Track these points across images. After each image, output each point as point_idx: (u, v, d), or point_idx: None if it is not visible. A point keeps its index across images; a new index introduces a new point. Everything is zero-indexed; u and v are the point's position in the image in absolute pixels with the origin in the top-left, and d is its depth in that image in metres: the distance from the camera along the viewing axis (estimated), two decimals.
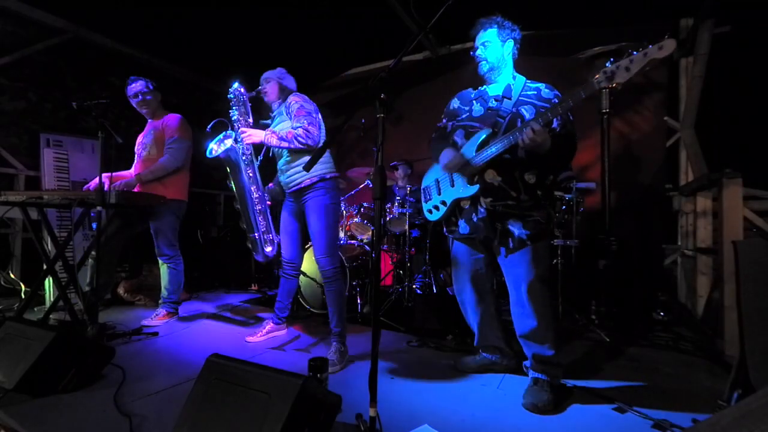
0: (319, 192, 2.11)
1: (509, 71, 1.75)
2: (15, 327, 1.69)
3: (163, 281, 2.79)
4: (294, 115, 2.13)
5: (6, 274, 3.13)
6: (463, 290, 1.89)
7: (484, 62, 1.74)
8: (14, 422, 1.36)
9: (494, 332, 1.88)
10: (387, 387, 1.71)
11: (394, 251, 3.45)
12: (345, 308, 2.13)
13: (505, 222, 1.65)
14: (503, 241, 1.66)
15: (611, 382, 1.78)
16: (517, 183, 1.64)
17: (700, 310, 2.76)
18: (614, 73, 1.34)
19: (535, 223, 1.63)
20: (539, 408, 1.51)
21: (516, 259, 1.65)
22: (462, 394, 1.67)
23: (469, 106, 1.80)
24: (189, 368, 1.87)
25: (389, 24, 3.38)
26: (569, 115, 1.63)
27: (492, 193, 1.65)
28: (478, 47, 1.75)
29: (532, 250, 1.63)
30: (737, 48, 3.02)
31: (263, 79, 2.30)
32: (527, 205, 1.64)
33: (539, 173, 1.66)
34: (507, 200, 1.64)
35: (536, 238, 1.63)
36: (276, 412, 1.05)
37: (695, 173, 3.11)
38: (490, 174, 1.65)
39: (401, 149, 4.09)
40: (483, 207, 1.67)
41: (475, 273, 1.84)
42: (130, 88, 2.70)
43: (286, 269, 2.32)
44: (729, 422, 0.71)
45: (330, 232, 2.11)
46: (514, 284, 1.67)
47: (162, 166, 2.62)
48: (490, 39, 1.72)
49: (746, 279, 1.23)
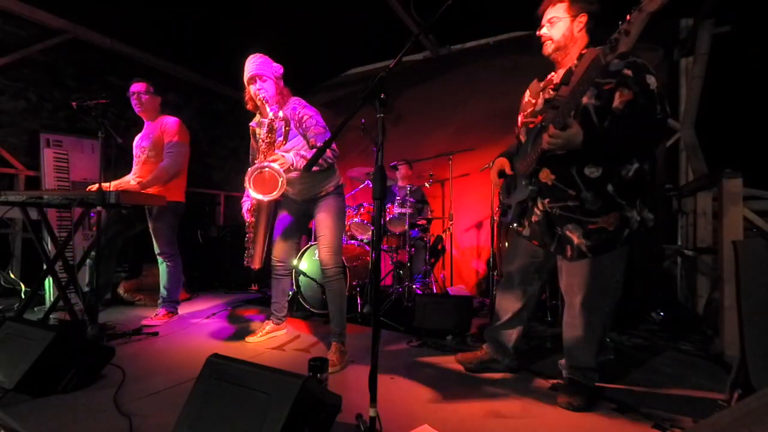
0: (335, 196, 2.13)
1: (575, 53, 1.53)
2: (15, 327, 1.68)
3: (162, 280, 2.79)
4: (313, 133, 1.96)
5: (6, 274, 3.13)
6: (510, 284, 1.82)
7: (549, 42, 1.55)
8: (14, 422, 1.36)
9: (512, 335, 1.85)
10: (387, 387, 1.71)
11: (393, 251, 3.45)
12: (345, 308, 2.13)
13: (563, 226, 1.52)
14: (560, 249, 1.55)
15: (611, 382, 1.78)
16: (574, 179, 1.47)
17: (700, 310, 2.76)
18: (617, 40, 1.17)
19: (598, 232, 1.45)
20: (574, 407, 1.50)
21: (574, 268, 1.53)
22: (462, 394, 1.67)
23: (537, 99, 1.67)
24: (189, 368, 1.87)
25: (389, 24, 3.38)
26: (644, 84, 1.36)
27: (548, 193, 1.54)
28: (544, 25, 1.56)
29: (595, 261, 1.48)
30: (737, 48, 3.02)
31: (256, 76, 1.98)
32: (592, 209, 1.45)
33: (607, 165, 1.43)
34: (566, 201, 1.49)
35: (599, 249, 1.46)
36: (276, 412, 1.05)
37: (695, 173, 3.11)
38: (545, 173, 1.54)
39: (401, 149, 4.10)
40: (542, 209, 1.57)
41: (526, 272, 1.77)
42: (132, 86, 2.71)
43: (278, 269, 2.30)
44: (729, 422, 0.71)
45: (340, 232, 2.11)
46: (570, 292, 1.58)
47: (164, 171, 2.62)
48: (559, 14, 1.51)
49: (746, 279, 1.23)
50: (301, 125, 2.00)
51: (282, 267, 2.31)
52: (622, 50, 1.16)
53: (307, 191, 2.14)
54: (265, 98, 1.99)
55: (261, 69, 1.99)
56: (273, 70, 2.02)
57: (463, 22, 3.44)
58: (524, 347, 2.22)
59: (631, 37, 1.14)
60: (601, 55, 1.22)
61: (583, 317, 1.55)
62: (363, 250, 3.31)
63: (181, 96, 4.50)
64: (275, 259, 2.29)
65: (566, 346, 1.64)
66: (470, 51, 4.04)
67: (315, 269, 2.95)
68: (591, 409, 1.53)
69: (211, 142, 4.99)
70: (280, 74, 2.04)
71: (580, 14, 1.50)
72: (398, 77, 4.16)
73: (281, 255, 2.28)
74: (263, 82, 2.00)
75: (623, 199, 1.43)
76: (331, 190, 2.13)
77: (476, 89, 3.99)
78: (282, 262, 2.30)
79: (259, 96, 1.99)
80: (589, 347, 1.58)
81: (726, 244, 2.12)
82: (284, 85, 2.08)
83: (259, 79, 1.99)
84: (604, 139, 1.38)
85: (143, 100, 2.71)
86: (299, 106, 2.04)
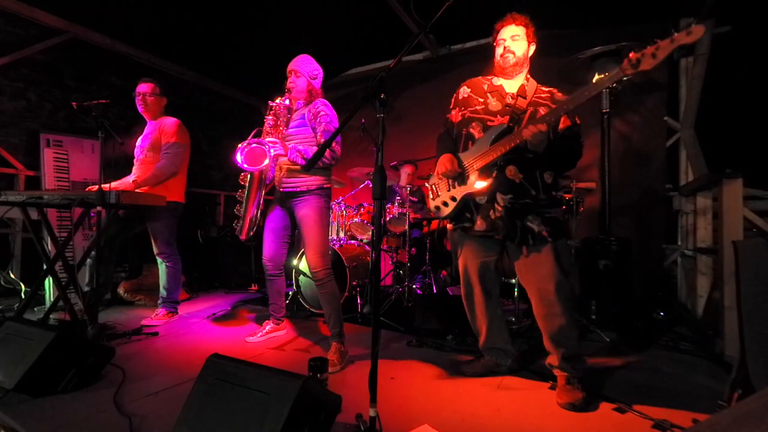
0: (314, 197, 2.12)
1: (524, 73, 1.76)
2: (15, 327, 1.69)
3: (162, 280, 2.79)
4: (323, 130, 2.09)
5: (6, 274, 3.13)
6: (473, 291, 1.86)
7: (511, 55, 1.71)
8: (14, 422, 1.36)
9: (502, 334, 1.87)
10: (387, 387, 1.71)
11: (393, 251, 3.44)
12: (340, 308, 2.11)
13: (524, 218, 1.65)
14: (524, 238, 1.65)
15: (611, 382, 1.78)
16: (537, 181, 1.66)
17: (700, 310, 2.76)
18: (639, 60, 1.31)
19: (553, 220, 1.65)
20: (576, 407, 1.51)
21: (539, 258, 1.64)
22: (462, 394, 1.67)
23: (485, 99, 1.78)
24: (189, 368, 1.87)
25: (389, 24, 3.38)
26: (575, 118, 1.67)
27: (512, 190, 1.66)
28: (507, 39, 1.72)
29: (555, 247, 1.63)
30: (737, 48, 3.02)
31: (293, 70, 2.18)
32: (544, 204, 1.66)
33: (556, 173, 1.70)
34: (526, 198, 1.65)
35: (556, 234, 1.64)
36: (276, 412, 1.05)
37: (695, 173, 3.11)
38: (512, 170, 1.66)
39: (401, 149, 4.10)
40: (503, 204, 1.66)
41: (485, 273, 1.82)
42: (139, 86, 2.73)
43: (268, 268, 2.29)
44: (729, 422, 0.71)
45: (325, 233, 2.11)
46: (540, 284, 1.65)
47: (160, 171, 2.63)
48: (521, 34, 1.71)
49: (746, 279, 1.23)
50: (316, 118, 2.12)
51: (272, 266, 2.28)
52: (644, 68, 1.31)
53: (291, 183, 2.14)
54: (292, 89, 2.18)
55: (298, 65, 2.19)
56: (309, 70, 2.21)
57: (463, 22, 3.45)
58: (524, 347, 2.23)
59: (656, 60, 1.29)
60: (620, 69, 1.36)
61: (560, 303, 1.61)
62: (363, 250, 3.31)
63: (181, 96, 4.50)
64: (264, 258, 2.27)
65: (552, 339, 1.67)
66: (470, 51, 4.04)
67: None
68: (591, 408, 1.53)
69: (211, 142, 4.99)
70: (315, 74, 2.22)
71: (531, 42, 1.74)
72: (398, 77, 4.17)
73: (269, 253, 2.26)
74: (297, 78, 2.18)
75: (560, 199, 1.79)
76: (312, 187, 2.12)
77: None
78: (270, 261, 2.27)
79: (289, 86, 2.19)
80: (573, 332, 1.64)
81: (726, 244, 2.12)
82: (319, 88, 2.24)
83: (294, 74, 2.19)
84: (556, 149, 1.64)
85: (148, 102, 2.73)
86: (321, 104, 2.17)
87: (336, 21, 3.57)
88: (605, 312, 2.62)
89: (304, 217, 2.10)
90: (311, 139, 2.16)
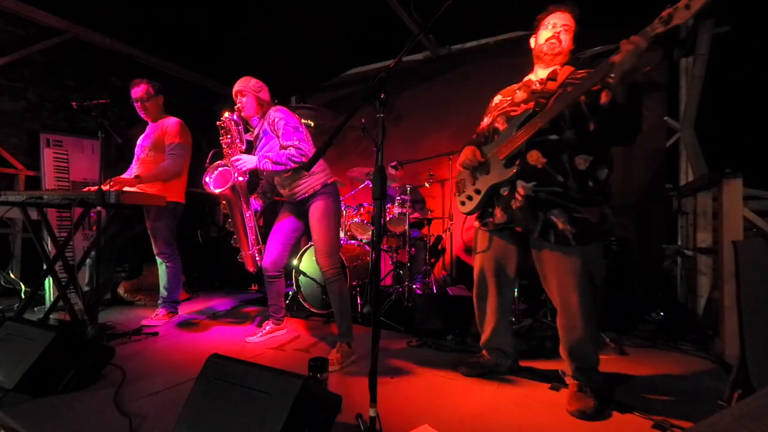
0: (323, 196, 2.15)
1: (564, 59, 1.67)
2: (15, 327, 1.69)
3: (162, 281, 2.79)
4: (282, 133, 2.10)
5: (6, 274, 3.13)
6: (486, 291, 1.80)
7: (558, 42, 1.62)
8: (14, 422, 1.36)
9: (506, 336, 1.85)
10: (387, 387, 1.71)
11: (393, 251, 3.45)
12: (348, 308, 2.11)
13: (548, 211, 1.52)
14: (545, 232, 1.52)
15: (611, 382, 1.78)
16: (564, 166, 1.50)
17: (700, 310, 2.76)
18: (672, 15, 1.20)
19: (583, 222, 1.48)
20: (587, 414, 1.46)
21: (565, 265, 1.52)
22: (462, 394, 1.67)
23: (511, 96, 1.73)
24: (189, 368, 1.87)
25: (389, 24, 3.37)
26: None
27: (536, 177, 1.53)
28: (558, 24, 1.63)
29: (582, 253, 1.49)
30: (737, 48, 3.02)
31: (237, 92, 2.23)
32: (576, 198, 1.49)
33: (593, 160, 1.50)
34: (552, 186, 1.51)
35: (584, 239, 1.48)
36: (276, 412, 1.05)
37: (695, 173, 3.11)
38: (534, 156, 1.53)
39: (401, 149, 4.10)
40: (524, 193, 1.55)
41: (501, 274, 1.75)
42: (132, 91, 2.71)
43: (268, 271, 2.30)
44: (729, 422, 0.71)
45: (332, 233, 2.12)
46: (563, 294, 1.55)
47: (164, 171, 2.63)
48: (570, 26, 1.63)
49: (746, 279, 1.23)
50: (274, 128, 2.16)
51: (272, 269, 2.29)
52: (677, 23, 1.19)
53: (291, 192, 2.20)
54: (243, 109, 2.23)
55: (241, 86, 2.23)
56: (252, 86, 2.23)
57: (463, 22, 3.45)
58: (524, 347, 2.22)
59: (691, 12, 1.17)
60: (648, 29, 1.26)
61: (583, 317, 1.53)
62: (363, 250, 3.31)
63: (181, 96, 4.49)
64: (265, 262, 2.29)
65: (570, 350, 1.61)
66: (470, 51, 4.04)
67: (315, 269, 2.95)
68: (602, 417, 1.48)
69: (211, 143, 4.98)
70: (258, 88, 2.24)
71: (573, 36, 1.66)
72: (398, 77, 4.16)
73: (272, 257, 2.27)
74: (243, 97, 2.23)
75: (600, 196, 1.52)
76: (318, 188, 2.15)
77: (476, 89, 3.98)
78: (271, 264, 2.28)
79: (239, 108, 2.23)
80: (592, 346, 1.59)
81: (726, 244, 2.12)
82: (267, 98, 2.27)
83: (240, 95, 2.23)
84: (599, 127, 1.47)
85: (147, 107, 2.73)
86: (274, 111, 2.20)
87: (336, 21, 3.57)
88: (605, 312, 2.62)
89: (313, 218, 2.14)
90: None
